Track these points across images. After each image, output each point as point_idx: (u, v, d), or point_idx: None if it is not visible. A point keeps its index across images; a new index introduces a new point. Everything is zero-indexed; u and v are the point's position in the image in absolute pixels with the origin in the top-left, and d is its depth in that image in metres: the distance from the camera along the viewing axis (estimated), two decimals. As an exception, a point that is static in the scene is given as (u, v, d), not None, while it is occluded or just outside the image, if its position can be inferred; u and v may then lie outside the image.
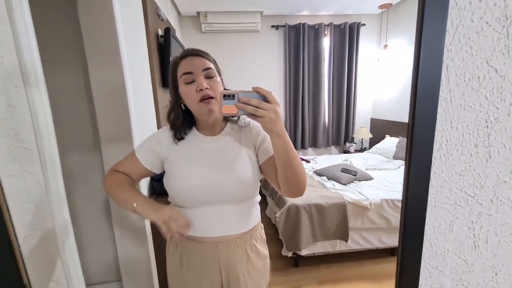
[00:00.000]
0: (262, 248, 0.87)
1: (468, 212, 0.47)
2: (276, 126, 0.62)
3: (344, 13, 3.46)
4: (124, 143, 1.31)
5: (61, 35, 1.32)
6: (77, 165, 1.45)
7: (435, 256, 0.48)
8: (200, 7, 3.04)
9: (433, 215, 0.46)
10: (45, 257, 0.70)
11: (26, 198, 0.65)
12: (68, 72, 1.36)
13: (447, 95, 0.42)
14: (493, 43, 0.41)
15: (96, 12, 1.18)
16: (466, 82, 0.42)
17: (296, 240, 1.91)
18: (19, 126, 0.64)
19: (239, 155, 0.78)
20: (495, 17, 0.40)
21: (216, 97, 0.72)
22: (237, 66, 3.47)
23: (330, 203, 1.94)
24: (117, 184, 0.79)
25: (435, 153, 0.43)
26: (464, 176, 0.45)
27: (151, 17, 1.71)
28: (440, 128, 0.42)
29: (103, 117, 1.28)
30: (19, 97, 0.65)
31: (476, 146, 0.44)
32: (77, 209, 1.49)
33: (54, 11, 1.29)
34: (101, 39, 1.21)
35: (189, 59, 0.74)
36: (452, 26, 0.39)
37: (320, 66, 3.54)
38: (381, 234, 2.04)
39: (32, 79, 0.70)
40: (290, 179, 0.71)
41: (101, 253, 1.57)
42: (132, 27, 1.45)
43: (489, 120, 0.43)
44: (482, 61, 0.41)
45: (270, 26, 3.44)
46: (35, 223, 0.67)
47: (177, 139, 0.79)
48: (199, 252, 0.80)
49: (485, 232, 0.48)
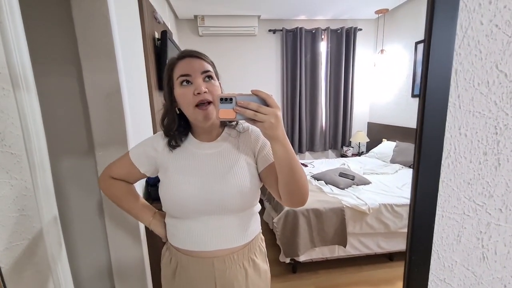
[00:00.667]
0: (262, 263, 0.81)
1: (476, 222, 0.45)
2: (277, 131, 0.57)
3: (341, 18, 3.48)
4: (118, 147, 1.27)
5: (55, 35, 1.29)
6: (69, 169, 1.41)
7: (442, 268, 0.46)
8: (197, 11, 3.03)
9: (441, 225, 0.44)
10: (31, 269, 0.67)
11: (13, 206, 0.62)
12: (62, 74, 1.32)
13: (455, 101, 0.40)
14: (503, 46, 0.39)
15: (90, 14, 1.16)
16: (475, 87, 0.40)
17: (294, 246, 1.88)
18: (6, 131, 0.61)
19: (237, 163, 0.74)
20: (505, 20, 0.38)
21: (214, 102, 0.68)
22: (234, 70, 3.46)
23: (328, 208, 1.92)
24: (123, 197, 0.85)
25: (443, 161, 0.41)
26: (472, 184, 0.43)
27: (148, 20, 1.69)
28: (448, 135, 0.41)
29: (98, 121, 1.25)
30: (6, 100, 0.63)
31: (485, 153, 0.42)
32: (69, 213, 1.45)
33: (47, 11, 1.26)
34: (96, 42, 1.18)
35: (187, 60, 0.70)
36: (461, 28, 0.38)
37: (317, 70, 3.54)
38: (380, 239, 2.02)
39: (21, 81, 0.67)
40: (291, 187, 0.67)
41: (94, 257, 1.52)
42: (128, 30, 1.43)
43: (498, 126, 0.42)
44: (491, 65, 0.40)
45: (268, 30, 3.44)
46: (22, 232, 0.64)
47: (172, 147, 0.75)
48: (193, 268, 0.75)
49: (493, 243, 0.46)
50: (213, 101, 0.69)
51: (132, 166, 0.79)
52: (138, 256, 1.40)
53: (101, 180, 0.84)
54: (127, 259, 1.40)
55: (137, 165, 0.79)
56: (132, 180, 0.85)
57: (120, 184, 0.83)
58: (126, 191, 0.84)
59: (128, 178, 0.83)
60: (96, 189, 1.37)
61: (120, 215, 1.35)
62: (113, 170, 0.82)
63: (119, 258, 1.40)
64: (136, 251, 1.39)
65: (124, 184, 0.84)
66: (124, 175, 0.82)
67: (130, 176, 0.83)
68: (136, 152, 0.80)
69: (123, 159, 0.81)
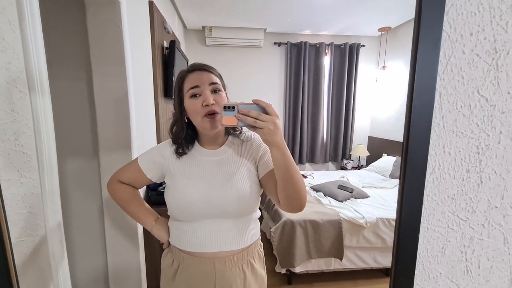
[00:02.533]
0: (260, 268, 0.84)
1: (460, 236, 0.47)
2: (275, 137, 0.62)
3: (345, 34, 3.57)
4: (123, 152, 1.31)
5: (69, 41, 1.34)
6: (74, 170, 1.44)
7: (427, 279, 0.48)
8: (205, 22, 3.13)
9: (426, 237, 0.46)
10: (34, 265, 0.69)
11: (21, 203, 0.65)
12: (73, 78, 1.37)
13: (440, 121, 0.43)
14: (484, 74, 0.43)
15: (104, 22, 1.22)
16: (458, 109, 0.43)
17: (290, 257, 1.88)
18: (20, 131, 0.65)
19: (239, 169, 0.78)
20: (485, 50, 0.42)
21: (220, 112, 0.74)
22: (239, 79, 3.53)
23: (325, 219, 1.93)
24: (129, 201, 0.88)
25: (428, 176, 0.44)
26: (456, 200, 0.46)
27: (158, 30, 1.76)
28: (433, 153, 0.44)
29: (104, 125, 1.29)
30: (22, 102, 0.66)
31: (468, 171, 0.45)
32: (70, 215, 1.47)
33: (64, 19, 1.33)
34: (108, 49, 1.23)
35: (197, 73, 0.75)
36: (445, 56, 0.41)
37: (319, 83, 3.61)
38: (376, 253, 2.02)
39: (37, 85, 0.71)
40: (290, 192, 0.70)
41: (91, 260, 1.53)
42: (139, 38, 1.49)
43: (480, 146, 0.45)
44: (473, 90, 0.43)
45: (273, 43, 3.53)
46: (27, 229, 0.66)
47: (178, 154, 0.80)
48: (195, 267, 0.78)
49: (477, 257, 0.48)
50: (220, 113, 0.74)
51: (139, 172, 0.83)
52: (135, 261, 1.41)
53: (109, 183, 0.89)
54: (124, 265, 1.41)
55: (144, 171, 0.83)
56: (138, 185, 0.89)
57: (127, 188, 0.87)
58: (132, 195, 0.88)
59: (134, 183, 0.88)
60: (98, 192, 1.40)
61: (120, 220, 1.37)
62: (121, 174, 0.87)
63: (116, 263, 1.40)
64: (133, 257, 1.40)
65: (130, 189, 0.88)
66: (132, 180, 0.87)
67: (137, 181, 0.87)
68: (144, 159, 0.84)
69: (132, 164, 0.86)
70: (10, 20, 0.63)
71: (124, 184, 0.87)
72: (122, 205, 0.88)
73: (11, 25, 0.63)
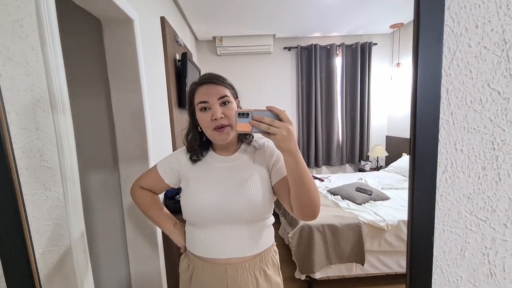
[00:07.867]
0: (273, 274, 0.83)
1: (480, 237, 0.45)
2: (288, 144, 0.62)
3: (356, 33, 3.52)
4: (140, 162, 1.36)
5: (87, 61, 1.43)
6: (96, 182, 1.51)
7: (447, 283, 0.46)
8: (215, 32, 3.21)
9: (442, 239, 0.44)
10: (60, 274, 0.73)
11: (47, 215, 0.69)
12: (92, 95, 1.46)
13: (449, 118, 0.42)
14: (494, 66, 0.41)
15: (119, 41, 1.29)
16: (468, 104, 0.42)
17: (309, 262, 1.85)
18: (44, 147, 0.70)
19: (251, 176, 0.79)
20: (493, 42, 0.41)
21: (232, 125, 0.76)
22: (251, 86, 3.57)
23: (344, 223, 1.88)
24: (150, 206, 0.92)
25: (440, 176, 0.43)
26: (473, 199, 0.44)
27: (170, 43, 1.83)
28: (444, 151, 0.42)
29: (122, 138, 1.35)
30: (46, 121, 0.71)
31: (484, 168, 0.43)
32: (93, 225, 1.53)
33: (82, 40, 1.41)
34: (123, 65, 1.30)
35: (205, 87, 0.77)
36: (450, 51, 0.40)
37: (332, 85, 3.56)
38: (400, 257, 1.93)
39: (58, 104, 0.76)
40: (303, 199, 0.70)
41: (114, 268, 1.58)
42: (152, 53, 1.55)
43: (495, 142, 0.43)
44: (483, 84, 0.42)
45: (283, 48, 3.55)
46: (53, 240, 0.71)
47: (193, 161, 0.83)
48: (208, 273, 0.79)
49: (501, 259, 0.46)
50: (230, 125, 0.76)
51: (158, 177, 0.87)
52: (155, 268, 1.44)
53: (132, 189, 0.94)
54: (146, 272, 1.45)
55: (162, 176, 0.87)
56: (158, 190, 0.93)
57: (148, 193, 0.92)
58: (152, 200, 0.92)
59: (154, 189, 0.92)
60: (119, 202, 1.46)
61: (140, 228, 1.42)
62: (142, 181, 0.92)
63: (138, 270, 1.44)
64: (154, 264, 1.44)
65: (150, 194, 0.92)
66: (152, 185, 0.91)
67: (157, 187, 0.91)
68: (162, 165, 0.88)
69: (151, 171, 0.90)
70: (33, 46, 0.68)
71: (145, 190, 0.92)
72: (143, 209, 0.92)
73: (34, 50, 0.68)
